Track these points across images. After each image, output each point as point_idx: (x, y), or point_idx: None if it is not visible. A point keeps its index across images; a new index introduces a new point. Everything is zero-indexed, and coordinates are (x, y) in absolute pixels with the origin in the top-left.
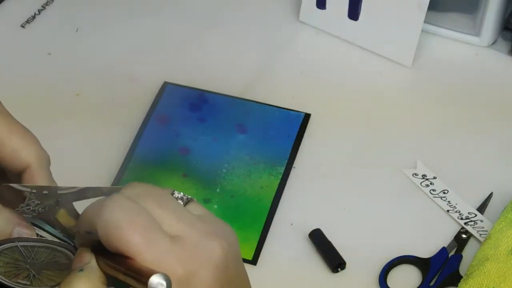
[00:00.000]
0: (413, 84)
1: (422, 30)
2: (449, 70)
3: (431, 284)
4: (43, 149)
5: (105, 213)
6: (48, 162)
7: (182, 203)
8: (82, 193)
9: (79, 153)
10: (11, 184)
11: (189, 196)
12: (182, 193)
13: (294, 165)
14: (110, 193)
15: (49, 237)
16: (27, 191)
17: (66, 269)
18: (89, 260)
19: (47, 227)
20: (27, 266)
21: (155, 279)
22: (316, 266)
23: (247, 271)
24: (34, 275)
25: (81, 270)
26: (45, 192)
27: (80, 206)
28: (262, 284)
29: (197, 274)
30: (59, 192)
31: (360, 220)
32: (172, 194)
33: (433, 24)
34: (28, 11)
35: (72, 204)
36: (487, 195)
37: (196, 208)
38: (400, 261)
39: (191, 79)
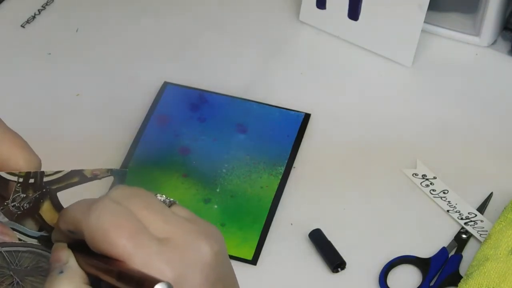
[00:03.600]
0: (413, 84)
1: (422, 30)
2: (449, 70)
3: (431, 284)
4: (34, 153)
5: (92, 217)
6: (38, 167)
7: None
8: (67, 178)
9: (79, 153)
10: None
11: (172, 199)
12: (164, 196)
13: (294, 165)
14: (92, 179)
15: (33, 242)
16: (13, 181)
17: None
18: (67, 259)
19: (28, 231)
20: (11, 272)
21: None
22: (316, 266)
23: (247, 271)
24: (17, 282)
25: (61, 272)
26: (31, 181)
27: (65, 197)
28: (262, 284)
29: (187, 275)
30: (45, 179)
31: (360, 220)
32: (155, 196)
33: (433, 24)
34: (28, 11)
35: (56, 195)
36: (487, 195)
37: (180, 210)
38: (400, 261)
39: (191, 79)
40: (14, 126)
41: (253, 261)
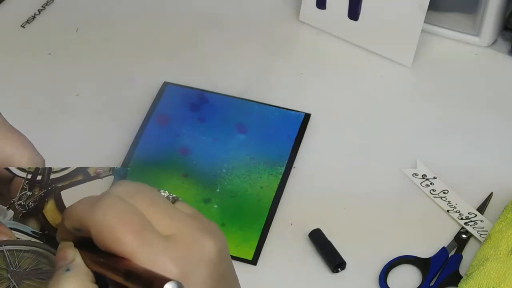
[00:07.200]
0: (413, 84)
1: (422, 30)
2: (449, 70)
3: (431, 284)
4: (37, 153)
5: (98, 214)
6: (42, 166)
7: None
8: (72, 176)
9: (79, 153)
10: (9, 167)
11: (175, 196)
12: (167, 192)
13: (294, 165)
14: (95, 178)
15: (35, 241)
16: (21, 177)
17: (48, 278)
18: (74, 257)
19: (30, 231)
20: (9, 275)
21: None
22: (316, 266)
23: (247, 271)
24: (14, 286)
25: (68, 270)
26: (39, 177)
27: (68, 197)
28: (262, 284)
29: (193, 272)
30: (52, 176)
31: (360, 220)
32: (159, 192)
33: (433, 24)
34: (28, 11)
35: (60, 194)
36: (487, 195)
37: (183, 207)
38: (400, 261)
39: (191, 79)
40: (14, 126)
41: (253, 261)
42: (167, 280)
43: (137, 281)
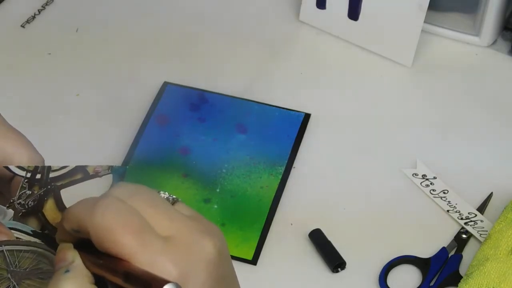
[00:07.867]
0: (413, 84)
1: (422, 30)
2: (449, 70)
3: (431, 284)
4: (37, 152)
5: (97, 216)
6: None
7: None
8: (71, 174)
9: (79, 153)
10: (9, 166)
11: (174, 196)
12: (167, 193)
13: (294, 165)
14: (94, 177)
15: (36, 240)
16: (21, 176)
17: (48, 278)
18: (73, 258)
19: (30, 230)
20: (9, 275)
21: None
22: (316, 266)
23: (247, 271)
24: (14, 286)
25: (67, 271)
26: (38, 176)
27: (67, 196)
28: (262, 284)
29: (192, 273)
30: (51, 175)
31: (360, 220)
32: (158, 194)
33: (433, 24)
34: (28, 11)
35: (60, 193)
36: (487, 195)
37: (183, 208)
38: (400, 261)
39: (191, 79)
40: (14, 126)
41: (253, 261)
42: (165, 282)
43: (136, 282)
